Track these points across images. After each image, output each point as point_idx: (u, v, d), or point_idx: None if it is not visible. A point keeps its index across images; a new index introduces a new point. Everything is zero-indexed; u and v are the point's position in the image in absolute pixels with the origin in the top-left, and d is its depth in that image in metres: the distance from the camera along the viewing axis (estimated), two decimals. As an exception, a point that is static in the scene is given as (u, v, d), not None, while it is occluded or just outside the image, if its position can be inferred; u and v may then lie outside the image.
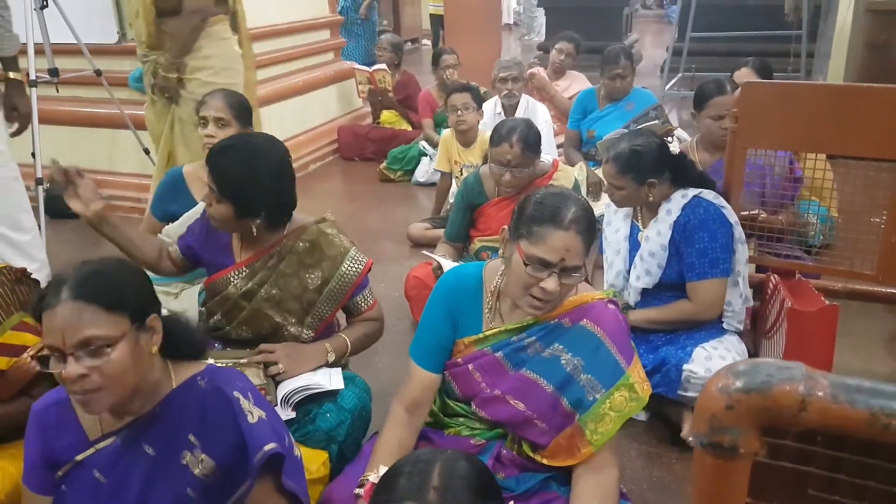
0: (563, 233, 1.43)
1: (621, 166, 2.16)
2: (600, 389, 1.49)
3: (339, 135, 5.20)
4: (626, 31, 8.07)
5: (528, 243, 1.45)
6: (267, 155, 1.80)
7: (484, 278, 1.63)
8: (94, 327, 1.14)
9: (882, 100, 2.04)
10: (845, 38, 4.67)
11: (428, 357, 1.62)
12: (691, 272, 2.12)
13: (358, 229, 3.84)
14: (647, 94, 3.92)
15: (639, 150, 2.15)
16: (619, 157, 2.17)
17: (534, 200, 1.50)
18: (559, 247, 1.42)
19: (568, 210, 1.44)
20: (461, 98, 3.34)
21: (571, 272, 1.45)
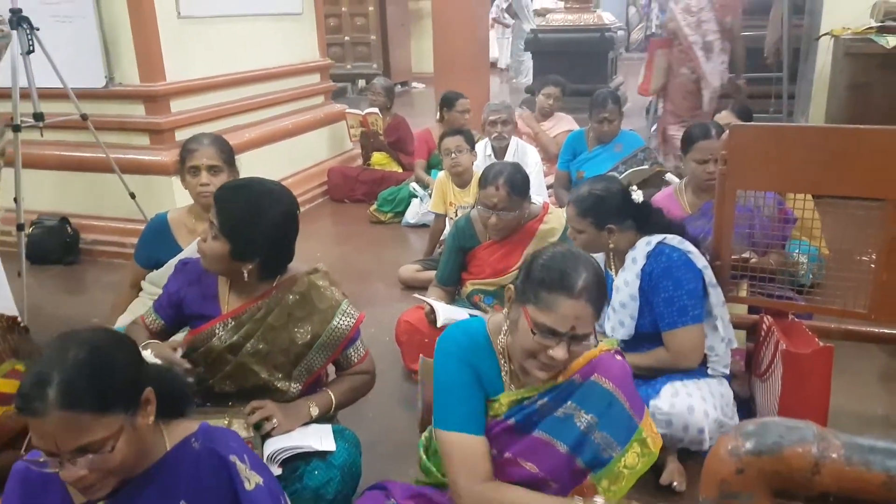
0: (574, 302, 1.38)
1: (580, 209, 2.16)
2: (616, 447, 1.45)
3: (329, 176, 5.20)
4: (612, 73, 8.20)
5: (535, 309, 1.40)
6: (277, 200, 1.77)
7: (490, 336, 1.57)
8: (88, 435, 1.08)
9: (868, 141, 2.06)
10: (825, 80, 4.76)
11: (474, 421, 1.50)
12: (662, 322, 2.09)
13: (348, 271, 3.82)
14: (635, 137, 3.97)
15: (598, 194, 2.15)
16: (578, 200, 2.17)
17: (542, 262, 1.44)
18: (569, 315, 1.38)
19: (579, 276, 1.39)
20: (454, 141, 3.37)
21: (581, 340, 1.41)
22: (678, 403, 1.94)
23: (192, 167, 2.33)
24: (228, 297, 1.85)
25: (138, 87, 3.84)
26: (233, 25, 4.42)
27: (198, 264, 1.86)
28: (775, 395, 2.16)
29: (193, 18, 4.05)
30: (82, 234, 3.98)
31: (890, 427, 2.31)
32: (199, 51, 4.12)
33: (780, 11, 5.71)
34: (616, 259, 2.25)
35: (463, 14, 5.94)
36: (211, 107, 4.24)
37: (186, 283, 1.88)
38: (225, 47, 4.35)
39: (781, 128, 2.26)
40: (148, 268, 2.42)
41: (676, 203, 2.88)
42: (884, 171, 2.03)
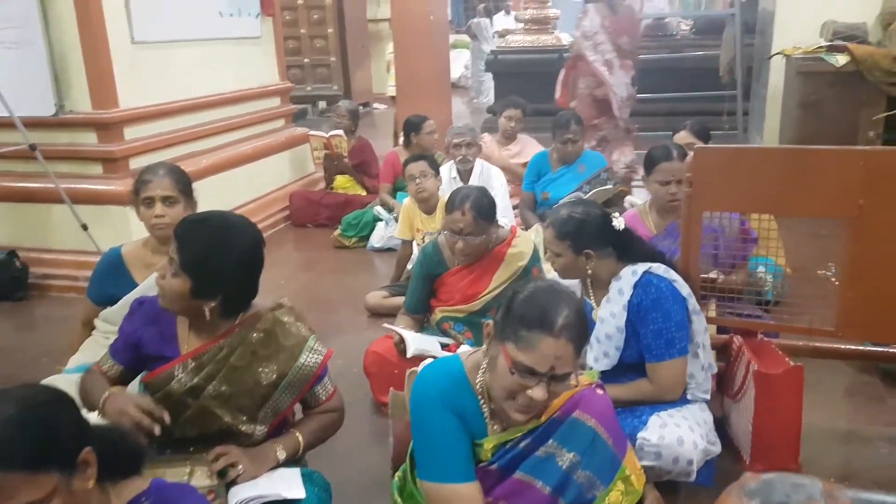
0: (554, 340, 1.35)
1: (559, 232, 2.12)
2: (599, 486, 1.41)
3: (292, 201, 5.11)
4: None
5: (515, 348, 1.36)
6: (240, 234, 1.69)
7: (468, 375, 1.52)
8: (17, 496, 1.00)
9: (831, 161, 2.09)
10: (778, 97, 4.88)
11: (464, 469, 1.45)
12: (648, 353, 2.06)
13: (313, 299, 3.73)
14: (598, 157, 4.00)
15: (577, 217, 2.11)
16: (557, 222, 2.14)
17: (522, 298, 1.41)
18: (549, 355, 1.34)
19: (559, 314, 1.36)
20: (418, 167, 3.33)
21: (561, 380, 1.38)
22: (667, 435, 1.90)
23: (147, 198, 2.25)
24: (188, 337, 1.76)
25: (90, 115, 3.72)
26: (189, 50, 4.33)
27: (154, 302, 1.77)
28: (749, 416, 2.15)
29: (148, 43, 3.95)
30: (31, 268, 3.82)
31: (861, 443, 2.32)
32: (153, 76, 4.02)
33: (733, 31, 5.86)
34: (593, 286, 2.21)
35: (423, 35, 5.95)
36: (167, 133, 4.13)
37: (143, 323, 1.78)
38: (181, 72, 4.26)
39: (745, 149, 2.28)
40: (101, 304, 2.33)
41: (642, 223, 2.89)
42: (846, 191, 2.06)
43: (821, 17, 4.49)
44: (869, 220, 2.07)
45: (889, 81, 4.10)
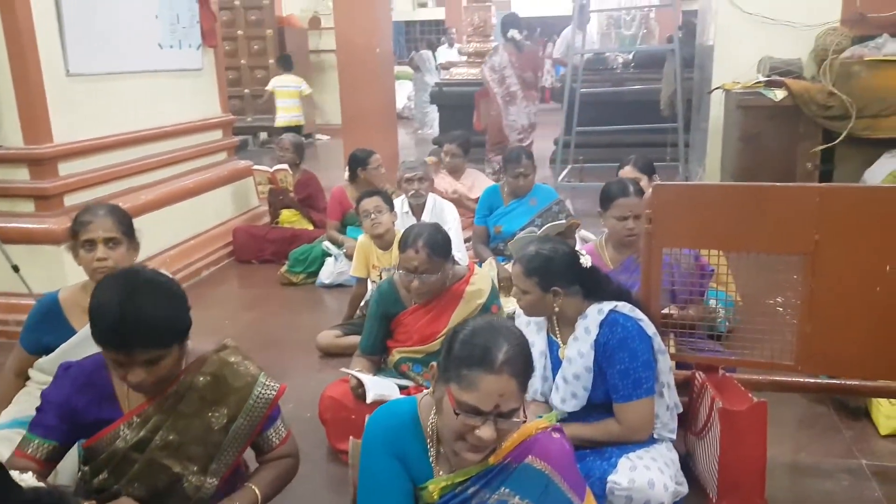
0: (496, 377, 1.33)
1: (527, 269, 2.10)
2: None
3: (235, 236, 4.94)
4: (515, 124, 8.41)
5: (458, 388, 1.34)
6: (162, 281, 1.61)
7: (420, 417, 1.49)
8: None
9: (789, 198, 2.12)
10: (719, 130, 5.04)
11: None
12: (616, 394, 2.03)
13: (259, 340, 3.59)
14: (549, 190, 4.01)
15: (545, 254, 2.10)
16: (525, 259, 2.12)
17: (461, 338, 1.40)
18: (492, 392, 1.32)
19: (499, 350, 1.35)
20: (372, 202, 3.26)
21: (508, 416, 1.35)
22: (638, 478, 1.87)
23: (87, 241, 2.12)
24: (129, 394, 1.64)
25: (22, 150, 3.52)
26: (127, 82, 4.17)
27: (82, 366, 1.66)
28: (714, 453, 2.14)
29: (84, 76, 3.78)
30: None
31: (823, 476, 2.33)
32: (90, 110, 3.85)
33: (673, 66, 6.05)
34: (559, 323, 2.18)
35: (369, 68, 5.93)
36: (104, 168, 3.95)
37: (75, 389, 1.64)
38: (119, 105, 4.09)
39: (704, 187, 2.31)
40: (36, 353, 2.17)
41: (598, 258, 2.88)
42: (803, 227, 2.09)
43: (757, 53, 4.66)
44: (824, 255, 2.10)
45: (824, 115, 4.27)
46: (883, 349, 2.14)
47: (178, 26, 4.60)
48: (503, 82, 5.46)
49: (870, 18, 4.49)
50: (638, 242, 2.74)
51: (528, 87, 5.52)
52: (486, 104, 5.61)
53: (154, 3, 4.35)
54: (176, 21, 4.57)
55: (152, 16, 4.35)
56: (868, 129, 4.22)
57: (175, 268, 4.35)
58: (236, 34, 9.61)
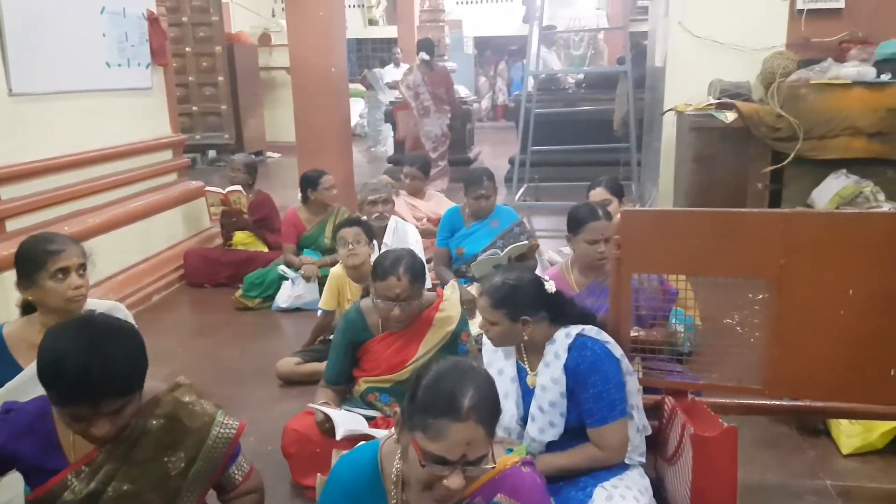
0: (463, 426, 1.29)
1: (494, 300, 2.08)
2: None
3: (186, 260, 4.78)
4: (470, 144, 8.43)
5: (423, 437, 1.30)
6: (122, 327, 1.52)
7: (382, 465, 1.44)
8: None
9: (755, 223, 2.15)
10: (671, 150, 5.13)
11: None
12: (591, 418, 2.02)
13: (215, 370, 3.45)
14: (510, 211, 4.01)
15: (512, 283, 2.08)
16: (491, 290, 2.09)
17: (425, 384, 1.36)
18: (459, 441, 1.29)
19: (465, 396, 1.31)
20: (352, 232, 3.13)
21: (476, 463, 1.31)
22: None
23: (61, 269, 2.03)
24: (74, 442, 1.54)
25: (-40, 173, 3.33)
26: (73, 103, 4.00)
27: (23, 410, 1.55)
28: (686, 479, 2.13)
29: (28, 96, 3.61)
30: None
31: (790, 497, 2.36)
32: (34, 131, 3.67)
33: (626, 88, 6.16)
34: (527, 351, 2.16)
35: (323, 87, 5.84)
36: (49, 191, 3.77)
37: (15, 435, 1.53)
38: (64, 126, 3.92)
39: (672, 212, 2.33)
40: (-21, 392, 2.03)
41: (564, 282, 2.88)
42: (769, 251, 2.12)
43: (708, 76, 4.78)
44: (790, 280, 2.13)
45: (773, 137, 4.39)
46: (848, 371, 2.18)
47: (126, 45, 4.45)
48: (417, 98, 6.18)
49: (814, 43, 4.66)
50: (605, 266, 2.76)
51: (441, 102, 6.30)
52: (405, 117, 6.34)
53: (101, 21, 4.20)
54: (124, 39, 4.43)
55: (99, 34, 4.20)
56: (815, 150, 4.36)
57: (124, 293, 4.18)
58: (185, 51, 9.39)
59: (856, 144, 4.32)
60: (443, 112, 6.37)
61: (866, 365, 2.18)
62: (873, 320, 2.14)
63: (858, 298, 2.12)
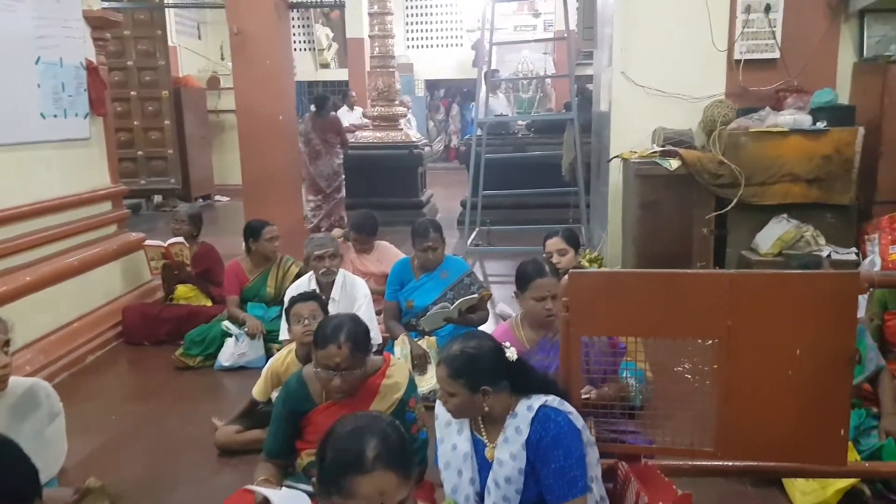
0: (369, 478, 1.29)
1: (452, 370, 2.00)
2: None
3: (125, 316, 4.57)
4: (422, 187, 8.42)
5: (340, 500, 1.29)
6: None
7: None
8: None
9: (700, 283, 2.14)
10: (619, 196, 5.19)
11: None
12: (551, 495, 1.95)
13: (150, 439, 3.26)
14: (460, 262, 3.96)
15: (471, 352, 2.01)
16: (449, 359, 2.02)
17: (329, 447, 1.36)
18: (371, 494, 1.28)
19: (367, 446, 1.31)
20: (308, 307, 2.95)
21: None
22: None
23: None
24: None
25: None
26: (3, 156, 3.82)
27: None
28: (641, 548, 2.07)
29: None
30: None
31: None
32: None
33: (572, 134, 6.24)
34: (485, 421, 2.09)
35: (271, 133, 5.76)
36: (-26, 250, 3.56)
37: None
38: (-7, 181, 3.73)
39: (619, 274, 2.31)
40: None
41: (514, 338, 2.83)
42: (715, 312, 2.10)
43: (651, 124, 4.87)
44: (737, 340, 2.11)
45: (715, 183, 4.47)
46: (798, 432, 2.16)
47: (62, 95, 4.29)
48: (309, 143, 7.03)
49: (751, 92, 4.80)
50: (555, 322, 2.72)
51: (330, 146, 7.16)
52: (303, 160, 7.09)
53: (35, 71, 4.05)
54: (61, 90, 4.27)
55: (33, 84, 4.04)
56: (756, 196, 4.46)
57: (56, 354, 3.96)
58: (129, 95, 9.20)
59: (795, 190, 4.43)
60: (334, 154, 7.22)
61: (816, 425, 2.16)
62: (821, 380, 2.12)
63: (806, 358, 2.11)
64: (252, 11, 5.57)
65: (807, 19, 4.74)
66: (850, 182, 4.38)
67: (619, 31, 4.98)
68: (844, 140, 4.33)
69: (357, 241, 4.47)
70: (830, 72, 4.78)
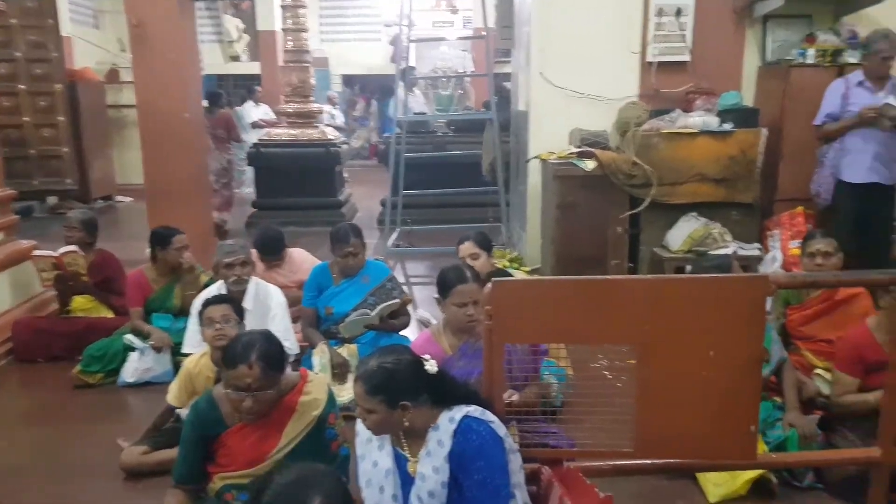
0: None
1: (370, 387, 1.93)
2: None
3: (15, 332, 4.19)
4: (340, 186, 8.23)
5: None
6: None
7: None
8: None
9: (619, 289, 2.14)
10: (538, 196, 5.23)
11: None
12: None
13: (48, 467, 3.00)
14: (381, 266, 3.86)
15: (389, 367, 1.95)
16: (366, 376, 1.95)
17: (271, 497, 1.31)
18: None
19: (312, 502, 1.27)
20: (220, 310, 2.77)
21: None
22: None
23: None
24: None
25: None
26: None
27: None
28: (566, 553, 2.07)
29: None
30: None
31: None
32: None
33: (492, 134, 6.25)
34: (407, 436, 2.03)
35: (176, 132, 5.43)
36: None
37: None
38: None
39: (541, 281, 2.29)
40: None
41: (436, 346, 2.79)
42: (634, 317, 2.11)
43: (569, 124, 4.92)
44: (654, 344, 2.13)
45: (629, 184, 4.57)
46: (712, 430, 2.21)
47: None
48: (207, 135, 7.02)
49: (663, 94, 4.94)
50: (476, 328, 2.69)
51: (220, 141, 7.28)
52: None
53: None
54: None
55: None
56: (667, 196, 4.59)
57: (-66, 377, 3.60)
58: (17, 89, 8.53)
59: (703, 189, 4.59)
60: (223, 150, 7.36)
61: (728, 422, 2.22)
62: (733, 379, 2.18)
63: (719, 359, 2.15)
64: (152, 1, 5.23)
65: (715, 24, 4.92)
66: (754, 181, 4.57)
67: (537, 32, 5.01)
68: (749, 141, 4.51)
69: (263, 261, 4.22)
70: (737, 75, 4.98)
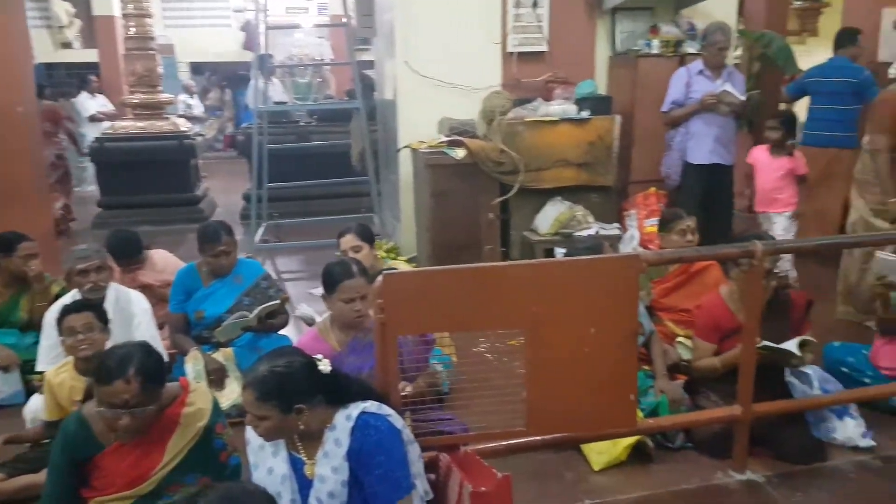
0: None
1: (261, 393, 1.88)
2: None
3: None
4: (197, 181, 7.80)
5: None
6: None
7: None
8: None
9: (508, 275, 2.22)
10: (410, 185, 5.25)
11: None
12: (377, 501, 1.92)
13: None
14: (255, 265, 3.71)
15: (281, 371, 1.90)
16: (257, 382, 1.88)
17: None
18: None
19: None
20: (82, 318, 2.55)
21: None
22: None
23: None
24: None
25: None
26: None
27: None
28: (470, 538, 2.12)
29: None
30: None
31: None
32: None
33: (360, 123, 6.19)
34: (304, 440, 1.98)
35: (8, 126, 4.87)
36: None
37: None
38: None
39: (433, 272, 2.31)
40: None
41: (324, 343, 2.76)
42: (522, 301, 2.20)
43: (437, 113, 4.97)
44: (541, 326, 2.24)
45: (498, 171, 4.71)
46: (596, 401, 2.36)
47: None
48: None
49: (525, 83, 5.12)
50: (364, 322, 2.67)
51: (49, 135, 6.89)
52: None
53: None
54: None
55: None
56: (534, 182, 4.78)
57: None
58: None
59: (566, 174, 4.83)
60: (52, 144, 7.01)
61: (610, 394, 2.38)
62: (613, 353, 2.33)
63: (599, 335, 2.29)
64: (-30, -18, 4.66)
65: (569, 15, 5.15)
66: (611, 165, 4.87)
67: (400, 21, 5.01)
68: (604, 128, 4.80)
69: (120, 266, 3.86)
70: (590, 64, 5.26)
